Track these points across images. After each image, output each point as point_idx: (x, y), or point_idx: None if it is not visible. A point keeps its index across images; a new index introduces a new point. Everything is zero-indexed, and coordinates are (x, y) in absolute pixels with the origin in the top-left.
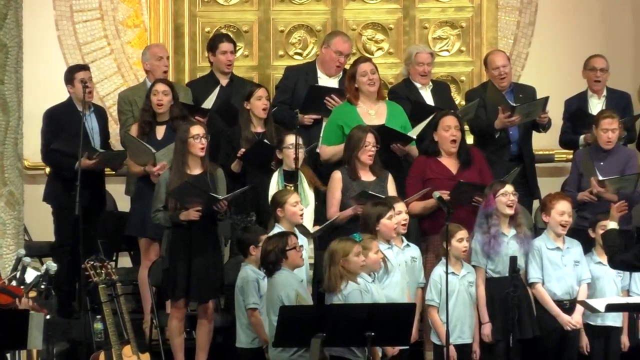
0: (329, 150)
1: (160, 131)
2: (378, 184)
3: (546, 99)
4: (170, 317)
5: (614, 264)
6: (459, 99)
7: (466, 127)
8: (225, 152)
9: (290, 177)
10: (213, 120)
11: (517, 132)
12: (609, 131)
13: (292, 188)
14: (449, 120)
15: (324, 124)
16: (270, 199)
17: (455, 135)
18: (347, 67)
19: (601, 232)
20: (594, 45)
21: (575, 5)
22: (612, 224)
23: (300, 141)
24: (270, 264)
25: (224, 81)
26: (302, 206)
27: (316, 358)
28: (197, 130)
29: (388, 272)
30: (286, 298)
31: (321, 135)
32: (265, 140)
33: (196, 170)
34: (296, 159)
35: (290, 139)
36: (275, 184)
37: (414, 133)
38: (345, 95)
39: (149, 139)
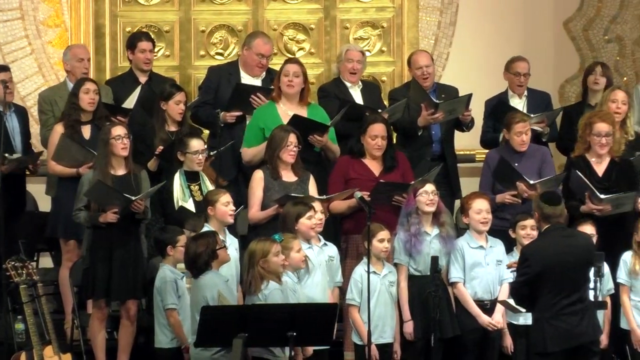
0: (250, 152)
1: (86, 131)
2: (299, 185)
3: (469, 96)
4: (92, 317)
5: (516, 297)
6: None
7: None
8: (140, 152)
9: (192, 178)
10: (135, 117)
11: (440, 131)
12: (523, 134)
13: (195, 187)
14: (377, 130)
15: (247, 122)
16: (175, 200)
17: (381, 145)
18: (272, 66)
19: (522, 231)
20: (515, 46)
21: (495, 5)
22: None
23: (203, 145)
24: (202, 265)
25: (142, 79)
26: (232, 207)
27: (238, 358)
28: (119, 130)
29: (309, 271)
30: (211, 299)
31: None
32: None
33: (120, 171)
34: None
35: (194, 143)
36: (178, 185)
37: (328, 122)
38: (270, 94)
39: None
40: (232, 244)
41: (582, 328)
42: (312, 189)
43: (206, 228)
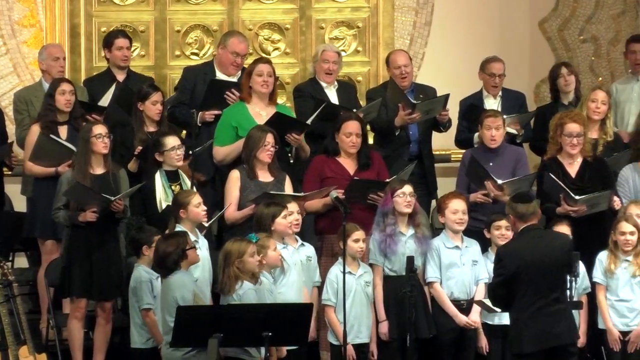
0: (222, 151)
1: (63, 131)
2: (276, 185)
3: (447, 97)
4: (70, 316)
5: (493, 298)
6: None
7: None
8: (119, 153)
9: (172, 178)
10: (110, 115)
11: (417, 131)
12: (492, 129)
13: (177, 187)
14: (351, 127)
15: None
16: (158, 201)
17: (355, 142)
18: (247, 65)
19: (496, 232)
20: (491, 46)
21: (471, 5)
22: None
23: (179, 141)
24: (171, 265)
25: (120, 77)
26: (204, 207)
27: (214, 358)
28: (99, 129)
29: (284, 271)
30: (181, 299)
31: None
32: None
33: (99, 170)
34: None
35: (170, 141)
36: (160, 186)
37: (308, 120)
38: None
39: None
40: (203, 245)
41: (559, 329)
42: (288, 189)
43: (178, 229)
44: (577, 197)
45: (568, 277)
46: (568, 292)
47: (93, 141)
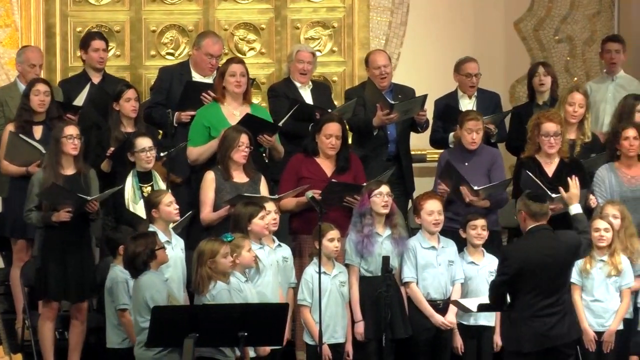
0: (196, 151)
1: (37, 131)
2: (251, 185)
3: (424, 97)
4: (42, 317)
5: (493, 296)
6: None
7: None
8: (96, 153)
9: (144, 178)
10: (85, 115)
11: (395, 131)
12: (473, 132)
13: (148, 188)
14: (332, 129)
15: None
16: (126, 200)
17: (334, 144)
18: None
19: (472, 231)
20: (466, 46)
21: (446, 5)
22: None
23: (152, 143)
24: (141, 265)
25: (96, 79)
26: (176, 205)
27: (189, 358)
28: (71, 130)
29: (260, 272)
30: (150, 299)
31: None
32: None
33: (69, 171)
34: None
35: (141, 142)
36: (129, 187)
37: (280, 122)
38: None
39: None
40: (177, 244)
41: (559, 330)
42: (264, 189)
43: (151, 229)
44: (553, 195)
45: None
46: None
47: (63, 142)
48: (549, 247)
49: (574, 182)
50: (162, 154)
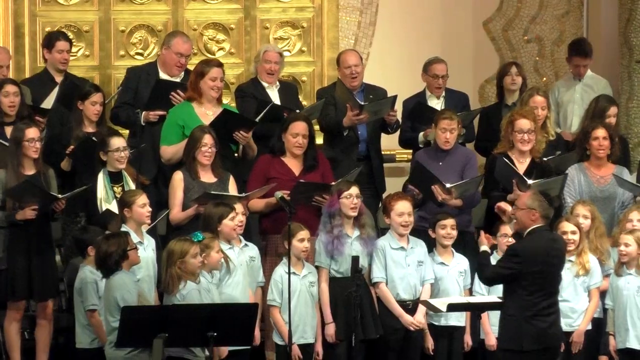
0: (169, 150)
1: (9, 131)
2: (219, 185)
3: (394, 98)
4: (8, 318)
5: (487, 278)
6: (301, 99)
7: (316, 127)
8: (56, 152)
9: (115, 178)
10: (54, 117)
11: (366, 131)
12: (447, 131)
13: (119, 188)
14: (298, 127)
15: None
16: (98, 201)
17: (301, 143)
18: (190, 67)
19: (441, 231)
20: (435, 46)
21: (415, 5)
22: (484, 247)
23: (124, 143)
24: (112, 265)
25: (58, 79)
26: (149, 208)
27: (159, 358)
28: (32, 134)
29: (230, 272)
30: (121, 299)
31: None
32: (94, 138)
33: (30, 171)
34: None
35: (115, 141)
36: (102, 186)
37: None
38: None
39: None
40: (149, 245)
41: (555, 329)
42: (232, 189)
43: (123, 229)
44: (530, 182)
45: None
46: None
47: (25, 145)
48: (554, 248)
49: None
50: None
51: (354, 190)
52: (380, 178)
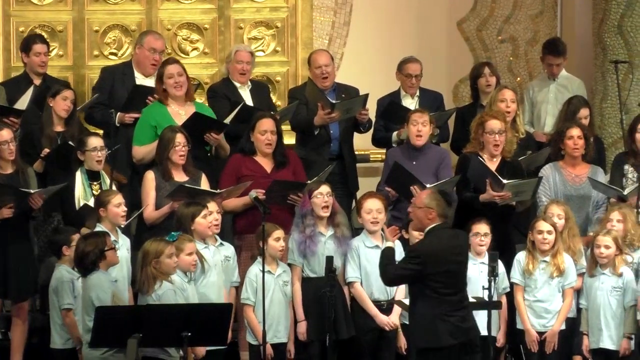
0: (142, 150)
1: None
2: (191, 184)
3: (366, 96)
4: None
5: (389, 280)
6: (275, 99)
7: (288, 127)
8: (26, 152)
9: (93, 177)
10: (28, 118)
11: (338, 130)
12: (419, 124)
13: (97, 186)
14: (265, 125)
15: None
16: (76, 199)
17: (270, 139)
18: None
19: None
20: (409, 46)
21: (389, 5)
22: (389, 243)
23: (102, 143)
24: (89, 265)
25: (37, 81)
26: (124, 208)
27: (133, 358)
28: (5, 136)
29: (205, 271)
30: (97, 299)
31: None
32: (70, 142)
33: (8, 170)
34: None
35: (93, 141)
36: (80, 184)
37: (226, 120)
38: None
39: None
40: (123, 245)
41: (470, 324)
42: (205, 187)
43: (98, 228)
44: (504, 182)
45: (487, 277)
46: (487, 292)
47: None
48: (455, 245)
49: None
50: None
51: (325, 189)
52: (352, 177)
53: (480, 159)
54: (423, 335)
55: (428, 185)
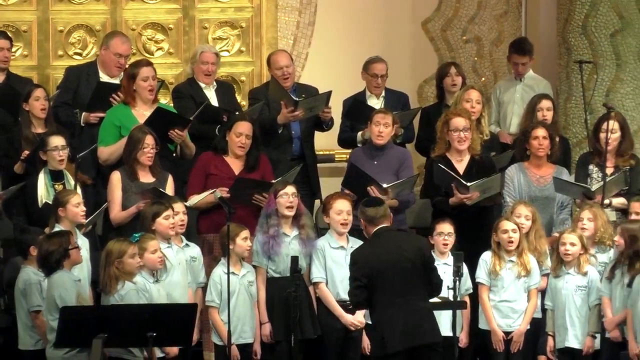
0: (107, 151)
1: None
2: (157, 185)
3: (329, 94)
4: None
5: (355, 305)
6: (240, 99)
7: None
8: (5, 154)
9: (56, 177)
10: None
11: (299, 128)
12: (381, 125)
13: (60, 186)
14: (242, 127)
15: None
16: (39, 199)
17: (244, 143)
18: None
19: None
20: (374, 46)
21: (354, 5)
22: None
23: (64, 142)
24: (53, 264)
25: (0, 78)
26: (83, 207)
27: (98, 358)
28: None
29: (167, 271)
30: (59, 298)
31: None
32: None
33: None
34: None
35: (54, 140)
36: (42, 184)
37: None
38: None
39: None
40: (83, 245)
41: (423, 327)
42: (170, 189)
43: (57, 228)
44: (468, 184)
45: (452, 277)
46: (452, 292)
47: None
48: (396, 246)
49: None
50: (77, 156)
51: (290, 189)
52: (314, 177)
53: (442, 166)
54: (373, 346)
55: (385, 185)
